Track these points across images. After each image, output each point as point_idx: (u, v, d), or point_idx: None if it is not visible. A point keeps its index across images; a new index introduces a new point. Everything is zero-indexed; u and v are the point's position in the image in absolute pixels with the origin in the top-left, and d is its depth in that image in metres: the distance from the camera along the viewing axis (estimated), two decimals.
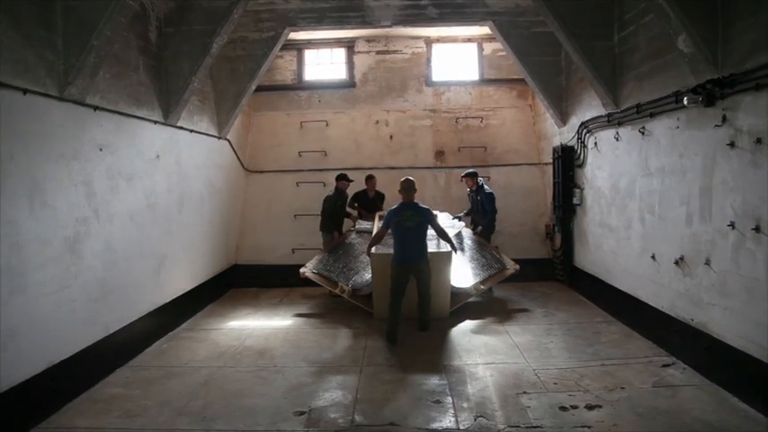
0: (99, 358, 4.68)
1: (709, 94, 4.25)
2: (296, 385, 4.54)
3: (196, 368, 4.98)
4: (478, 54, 9.35)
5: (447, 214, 7.67)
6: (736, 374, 4.10)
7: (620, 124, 6.03)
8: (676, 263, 4.88)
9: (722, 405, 3.94)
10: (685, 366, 4.65)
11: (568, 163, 7.61)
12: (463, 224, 7.86)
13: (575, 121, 7.37)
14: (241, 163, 8.90)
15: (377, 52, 9.34)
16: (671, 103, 4.87)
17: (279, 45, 7.55)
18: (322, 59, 9.54)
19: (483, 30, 8.27)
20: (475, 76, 9.37)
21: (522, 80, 8.37)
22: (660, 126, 5.18)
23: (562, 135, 7.92)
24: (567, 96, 7.64)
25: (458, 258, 6.42)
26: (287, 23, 7.35)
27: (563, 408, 3.97)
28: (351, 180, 7.91)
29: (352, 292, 6.52)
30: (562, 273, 8.03)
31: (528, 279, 7.75)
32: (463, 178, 7.85)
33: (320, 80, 9.48)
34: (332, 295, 7.08)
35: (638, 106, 5.48)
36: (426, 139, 9.34)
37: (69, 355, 4.31)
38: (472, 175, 7.71)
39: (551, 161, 8.08)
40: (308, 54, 9.48)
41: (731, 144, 4.07)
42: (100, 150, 4.78)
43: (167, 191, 6.13)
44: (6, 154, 3.66)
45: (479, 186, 7.62)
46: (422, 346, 5.47)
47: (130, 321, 5.29)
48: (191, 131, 6.68)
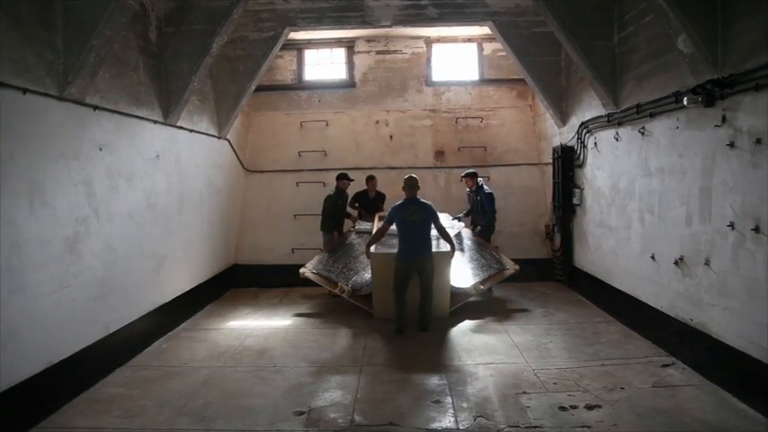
0: (98, 358, 4.68)
1: (708, 95, 4.25)
2: (295, 385, 4.54)
3: (196, 368, 4.98)
4: (478, 54, 9.35)
5: (447, 215, 7.67)
6: (735, 374, 4.10)
7: (619, 124, 6.03)
8: (676, 263, 4.88)
9: (722, 405, 3.94)
10: (685, 366, 4.65)
11: (568, 163, 7.61)
12: (463, 225, 7.86)
13: (574, 122, 7.37)
14: (241, 163, 8.90)
15: (377, 52, 9.34)
16: (671, 104, 4.87)
17: (279, 45, 7.55)
18: (322, 59, 9.54)
19: (483, 30, 8.27)
20: (475, 76, 9.37)
21: (522, 80, 8.37)
22: (660, 126, 5.18)
23: (562, 135, 7.92)
24: (567, 96, 7.64)
25: (457, 259, 6.42)
26: (287, 23, 7.35)
27: (562, 408, 3.97)
28: (351, 179, 7.92)
29: (351, 292, 6.52)
30: (562, 273, 8.03)
31: (528, 279, 7.75)
32: (463, 178, 7.86)
33: (320, 80, 9.48)
34: (332, 295, 7.08)
35: (637, 106, 5.48)
36: (426, 139, 9.34)
37: (69, 355, 4.31)
38: (472, 176, 7.72)
39: (551, 161, 8.09)
40: (308, 54, 9.49)
41: (731, 144, 4.07)
42: (100, 150, 4.78)
43: (167, 191, 6.13)
44: (6, 153, 3.66)
45: (479, 186, 7.62)
46: (422, 346, 5.47)
47: (130, 321, 5.29)
48: (190, 131, 6.68)
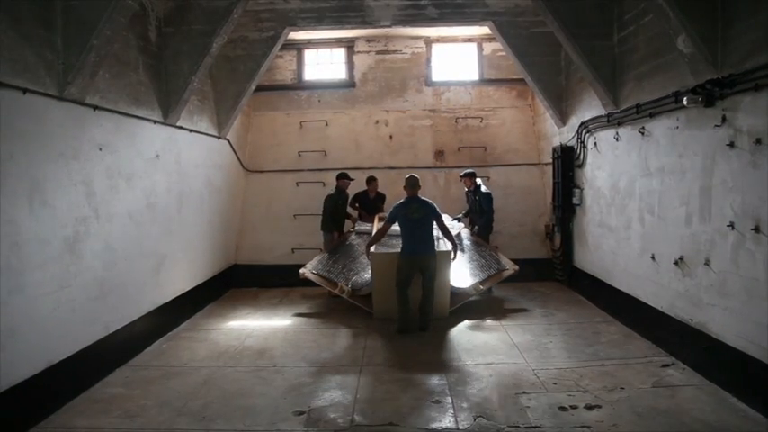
0: (98, 358, 4.68)
1: (708, 95, 4.25)
2: (295, 385, 4.54)
3: (196, 368, 4.98)
4: (478, 54, 9.35)
5: (447, 216, 7.67)
6: (735, 374, 4.10)
7: (619, 124, 6.04)
8: (676, 263, 4.88)
9: (721, 405, 3.94)
10: (685, 366, 4.65)
11: (568, 163, 7.61)
12: (462, 225, 7.87)
13: (574, 122, 7.37)
14: (241, 163, 8.90)
15: (377, 52, 9.34)
16: (670, 104, 4.87)
17: (279, 45, 7.55)
18: (322, 59, 9.54)
19: (483, 30, 8.27)
20: (475, 76, 9.37)
21: (522, 80, 8.37)
22: (660, 126, 5.18)
23: (562, 135, 7.92)
24: (567, 96, 7.64)
25: (457, 259, 6.42)
26: (287, 23, 7.35)
27: (562, 408, 3.97)
28: (351, 179, 7.92)
29: (351, 292, 6.52)
30: (562, 273, 8.03)
31: (527, 279, 7.75)
32: (461, 178, 7.87)
33: (320, 80, 9.48)
34: (331, 295, 7.08)
35: (637, 106, 5.48)
36: (426, 139, 9.34)
37: (69, 355, 4.30)
38: (470, 176, 7.74)
39: (551, 161, 8.09)
40: (308, 54, 9.48)
41: (731, 144, 4.07)
42: (99, 150, 4.78)
43: (167, 190, 6.13)
44: (6, 153, 3.65)
45: (477, 186, 7.63)
46: (422, 346, 5.47)
47: (130, 321, 5.29)
48: (190, 131, 6.68)
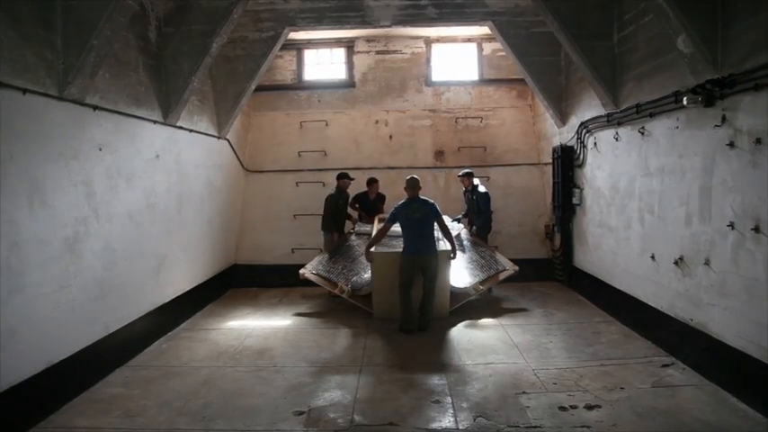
0: (98, 358, 4.68)
1: (708, 95, 4.25)
2: (295, 385, 4.53)
3: (195, 368, 4.98)
4: (478, 54, 9.36)
5: (447, 217, 7.67)
6: (735, 374, 4.10)
7: (619, 124, 6.04)
8: (676, 263, 4.88)
9: (721, 405, 3.94)
10: (685, 366, 4.65)
11: (568, 163, 7.61)
12: (462, 226, 7.88)
13: (574, 122, 7.37)
14: (241, 163, 8.90)
15: (376, 52, 9.34)
16: (670, 104, 4.87)
17: (278, 45, 7.55)
18: (322, 59, 9.54)
19: (483, 30, 8.27)
20: (474, 76, 9.37)
21: (522, 80, 8.38)
22: (660, 126, 5.18)
23: (562, 135, 7.92)
24: (567, 96, 7.64)
25: (457, 259, 6.42)
26: (286, 23, 7.35)
27: (562, 408, 3.97)
28: (352, 178, 7.92)
29: (351, 292, 6.52)
30: (561, 273, 8.03)
31: (527, 279, 7.74)
32: (459, 178, 7.88)
33: (320, 80, 9.48)
34: (331, 295, 7.08)
35: (637, 106, 5.48)
36: (426, 139, 9.34)
37: (69, 355, 4.30)
38: (468, 176, 7.77)
39: (551, 161, 8.09)
40: (308, 54, 9.48)
41: (731, 144, 4.07)
42: (99, 150, 4.78)
43: (167, 191, 6.13)
44: (6, 153, 3.65)
45: (474, 186, 7.64)
46: (422, 346, 5.47)
47: (130, 321, 5.29)
48: (190, 131, 6.67)
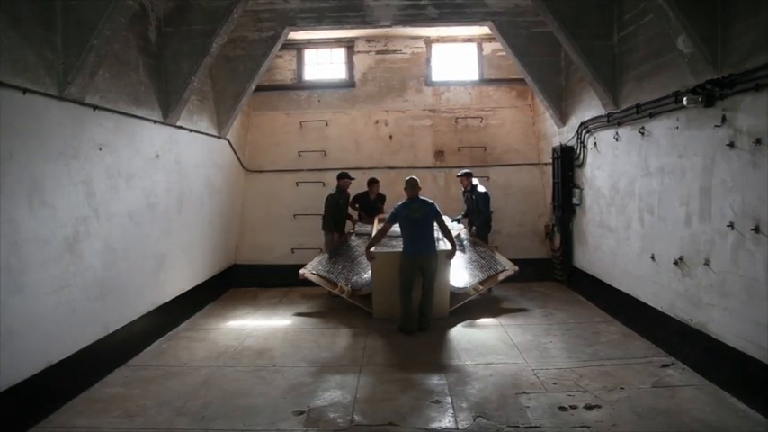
0: (98, 358, 4.68)
1: (708, 95, 4.25)
2: (295, 385, 4.53)
3: (195, 368, 4.98)
4: (478, 54, 9.36)
5: (447, 217, 7.67)
6: (735, 375, 4.10)
7: (619, 124, 6.04)
8: (676, 263, 4.88)
9: (721, 405, 3.94)
10: (684, 366, 4.65)
11: (568, 163, 7.61)
12: (462, 226, 7.88)
13: (574, 122, 7.37)
14: (240, 163, 8.90)
15: (376, 52, 9.34)
16: (670, 104, 4.87)
17: (278, 45, 7.55)
18: (322, 59, 9.54)
19: (483, 30, 8.27)
20: (474, 76, 9.37)
21: (522, 80, 8.37)
22: (660, 126, 5.18)
23: (562, 135, 7.92)
24: (567, 96, 7.64)
25: (457, 259, 6.42)
26: (286, 23, 7.35)
27: (562, 408, 3.97)
28: (352, 178, 7.92)
29: (351, 292, 6.52)
30: (561, 273, 8.03)
31: (527, 279, 7.74)
32: (459, 178, 7.89)
33: (320, 80, 9.48)
34: (331, 295, 7.08)
35: (637, 106, 5.48)
36: (426, 139, 9.34)
37: (68, 355, 4.30)
38: (467, 176, 7.77)
39: (551, 161, 8.09)
40: (308, 54, 9.48)
41: (731, 144, 4.07)
42: (99, 150, 4.78)
43: (167, 190, 6.13)
44: (6, 153, 3.65)
45: (473, 186, 7.64)
46: (421, 346, 5.47)
47: (130, 321, 5.29)
48: (190, 131, 6.67)
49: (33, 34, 3.96)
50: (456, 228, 7.53)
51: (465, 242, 7.53)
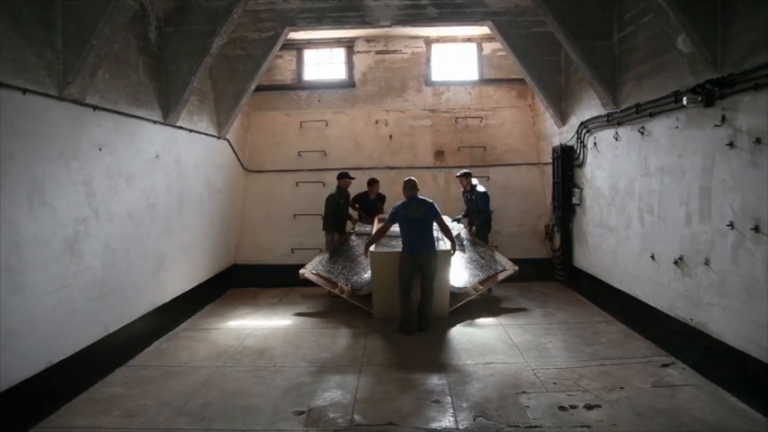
0: (98, 358, 4.68)
1: (708, 94, 4.25)
2: (295, 385, 4.54)
3: (195, 368, 4.98)
4: (478, 54, 9.36)
5: (447, 217, 7.67)
6: (735, 374, 4.10)
7: (619, 124, 6.04)
8: (675, 263, 4.88)
9: (721, 405, 3.94)
10: (684, 366, 4.65)
11: (568, 163, 7.61)
12: (462, 226, 7.88)
13: (574, 121, 7.38)
14: (240, 163, 8.90)
15: (376, 52, 9.34)
16: (670, 103, 4.87)
17: (278, 45, 7.55)
18: (321, 59, 9.54)
19: (482, 30, 8.27)
20: (474, 76, 9.38)
21: (522, 80, 8.38)
22: (659, 126, 5.18)
23: (562, 135, 7.92)
24: (567, 96, 7.64)
25: (457, 259, 6.42)
26: (286, 23, 7.35)
27: (562, 407, 3.97)
28: (353, 178, 7.92)
29: (351, 292, 6.52)
30: (561, 273, 8.03)
31: (527, 279, 7.74)
32: (458, 178, 7.89)
33: (320, 80, 9.48)
34: (331, 295, 7.08)
35: (637, 106, 5.48)
36: (426, 139, 9.34)
37: (68, 355, 4.31)
38: (466, 176, 7.78)
39: (551, 161, 8.09)
40: (308, 54, 9.49)
41: (730, 144, 4.07)
42: (99, 150, 4.78)
43: (167, 191, 6.13)
44: (6, 153, 3.65)
45: (473, 186, 7.64)
46: (421, 346, 5.47)
47: (130, 321, 5.29)
48: (190, 131, 6.67)
49: (33, 34, 3.96)
50: (456, 227, 7.53)
51: (465, 242, 7.54)
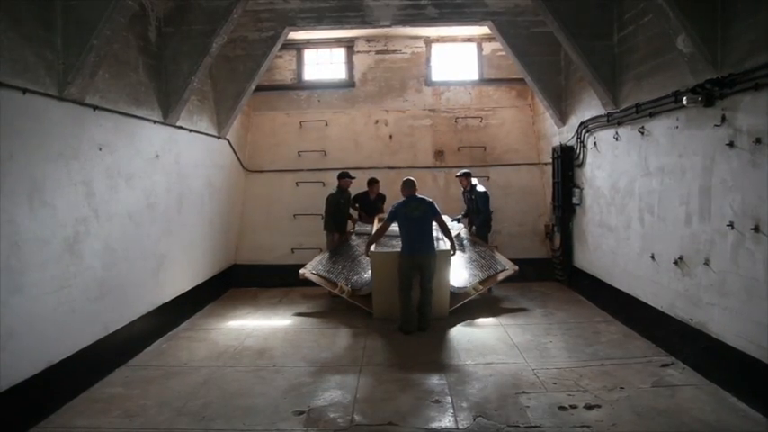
0: (98, 358, 4.68)
1: (708, 94, 4.25)
2: (295, 385, 4.54)
3: (195, 368, 4.98)
4: (478, 54, 9.36)
5: (447, 217, 7.67)
6: (735, 374, 4.10)
7: (619, 124, 6.04)
8: (675, 263, 4.88)
9: (721, 405, 3.94)
10: (684, 366, 4.65)
11: (568, 163, 7.61)
12: (462, 226, 7.88)
13: (574, 121, 7.38)
14: (240, 163, 8.90)
15: (376, 52, 9.35)
16: (670, 103, 4.87)
17: (278, 45, 7.55)
18: (321, 59, 9.54)
19: (482, 30, 8.27)
20: (474, 76, 9.38)
21: (522, 80, 8.38)
22: (659, 126, 5.18)
23: (561, 135, 7.92)
24: (567, 96, 7.64)
25: (457, 259, 6.41)
26: (286, 23, 7.36)
27: (562, 407, 3.97)
28: (353, 177, 7.92)
29: (351, 292, 6.52)
30: (561, 272, 8.03)
31: (527, 279, 7.74)
32: (458, 178, 7.89)
33: (320, 80, 9.49)
34: (332, 295, 7.08)
35: (637, 106, 5.48)
36: (426, 139, 9.34)
37: (68, 355, 4.30)
38: (466, 176, 7.78)
39: (551, 161, 8.09)
40: (308, 54, 9.49)
41: (730, 144, 4.07)
42: (99, 150, 4.78)
43: (167, 190, 6.13)
44: (6, 153, 3.65)
45: (473, 186, 7.64)
46: (421, 346, 5.47)
47: (130, 321, 5.29)
48: (190, 131, 6.67)
49: (33, 34, 3.95)
50: (456, 227, 7.53)
51: (465, 242, 7.54)
